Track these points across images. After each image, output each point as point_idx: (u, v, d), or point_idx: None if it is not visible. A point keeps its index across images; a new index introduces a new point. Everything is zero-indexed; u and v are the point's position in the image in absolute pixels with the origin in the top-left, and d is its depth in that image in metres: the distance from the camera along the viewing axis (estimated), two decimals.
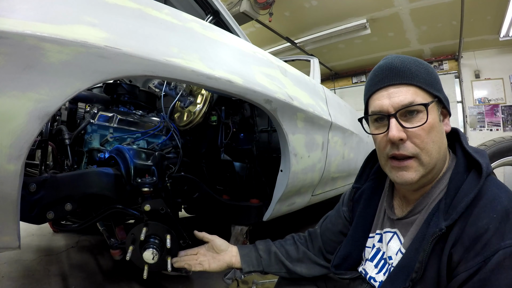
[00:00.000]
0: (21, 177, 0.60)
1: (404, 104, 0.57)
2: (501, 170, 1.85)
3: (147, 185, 1.06)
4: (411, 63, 0.60)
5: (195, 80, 0.84)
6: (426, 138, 0.57)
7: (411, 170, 0.58)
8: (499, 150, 1.55)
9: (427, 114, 0.57)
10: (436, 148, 0.58)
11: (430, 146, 0.57)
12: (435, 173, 0.60)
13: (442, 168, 0.61)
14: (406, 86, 0.58)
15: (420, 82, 0.58)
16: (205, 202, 1.40)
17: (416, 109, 0.57)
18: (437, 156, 0.58)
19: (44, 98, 0.58)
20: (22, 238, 0.68)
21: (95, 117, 1.25)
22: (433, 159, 0.58)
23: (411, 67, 0.59)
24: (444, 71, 5.11)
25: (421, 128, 0.57)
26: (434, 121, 0.58)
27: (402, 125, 0.57)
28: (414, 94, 0.58)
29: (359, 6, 3.89)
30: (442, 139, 0.60)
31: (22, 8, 0.57)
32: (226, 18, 1.40)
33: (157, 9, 0.84)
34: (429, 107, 0.57)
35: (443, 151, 0.60)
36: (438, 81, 0.61)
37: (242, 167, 1.60)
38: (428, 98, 0.58)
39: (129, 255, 0.89)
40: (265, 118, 1.50)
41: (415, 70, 0.59)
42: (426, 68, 0.61)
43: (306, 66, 2.37)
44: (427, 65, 0.62)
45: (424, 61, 0.62)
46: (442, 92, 0.61)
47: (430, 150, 0.57)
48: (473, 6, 3.54)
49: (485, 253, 0.47)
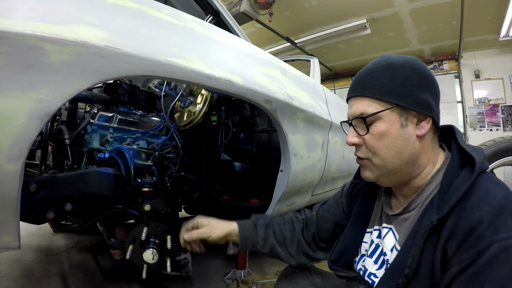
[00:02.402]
0: (21, 177, 0.60)
1: (356, 114, 0.64)
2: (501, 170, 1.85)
3: (147, 185, 1.06)
4: (375, 72, 0.63)
5: (195, 80, 0.84)
6: (376, 144, 0.62)
7: (367, 169, 0.66)
8: (499, 150, 1.55)
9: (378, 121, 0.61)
10: (391, 153, 0.61)
11: (383, 151, 0.61)
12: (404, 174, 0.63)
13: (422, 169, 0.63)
14: (361, 98, 0.64)
15: (374, 93, 0.62)
16: (205, 202, 1.40)
17: (370, 119, 0.62)
18: (394, 160, 0.61)
19: (44, 98, 0.58)
20: (22, 238, 0.68)
21: (95, 117, 1.25)
22: (388, 163, 0.62)
23: (370, 79, 0.63)
24: (444, 71, 5.10)
25: (370, 134, 0.62)
26: (387, 129, 0.61)
27: (358, 131, 0.64)
28: (366, 105, 0.62)
29: (359, 6, 3.89)
30: (403, 145, 0.61)
31: (22, 8, 0.57)
32: (226, 18, 1.40)
33: (157, 9, 0.84)
34: (382, 115, 0.61)
35: (406, 155, 0.61)
36: (407, 86, 0.60)
37: (242, 167, 1.60)
38: (380, 108, 0.61)
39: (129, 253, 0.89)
40: (265, 118, 1.50)
41: (373, 81, 0.62)
42: (391, 75, 0.61)
43: (306, 66, 2.37)
44: (397, 69, 0.62)
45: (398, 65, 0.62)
46: (409, 97, 0.60)
47: (382, 155, 0.62)
48: (473, 6, 3.54)
49: (479, 246, 0.47)
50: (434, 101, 0.62)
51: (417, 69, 0.61)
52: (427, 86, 0.61)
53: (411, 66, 0.62)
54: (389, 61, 0.63)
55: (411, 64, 0.62)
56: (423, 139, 0.62)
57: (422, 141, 0.62)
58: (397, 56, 0.64)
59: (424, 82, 0.61)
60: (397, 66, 0.62)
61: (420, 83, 0.61)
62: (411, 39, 4.65)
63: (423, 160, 0.63)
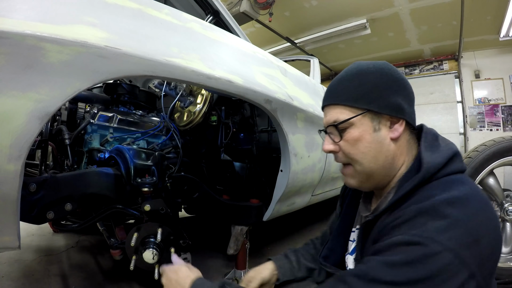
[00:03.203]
0: (21, 177, 0.60)
1: (329, 122, 0.65)
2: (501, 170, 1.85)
3: (147, 185, 1.06)
4: (345, 80, 0.65)
5: (195, 80, 0.84)
6: (352, 150, 0.63)
7: (349, 176, 0.67)
8: (499, 150, 1.55)
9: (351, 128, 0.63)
10: (369, 158, 0.62)
11: (359, 156, 0.63)
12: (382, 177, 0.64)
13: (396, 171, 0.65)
14: (333, 106, 0.66)
15: (345, 100, 0.63)
16: (205, 202, 1.40)
17: (342, 127, 0.63)
18: (371, 165, 0.63)
19: (44, 98, 0.58)
20: (22, 238, 0.68)
21: (95, 117, 1.25)
22: (367, 168, 0.63)
23: (340, 86, 0.65)
24: (444, 71, 5.10)
25: (344, 141, 0.64)
26: (360, 134, 0.62)
27: (333, 139, 0.66)
28: (339, 113, 0.64)
29: (359, 6, 3.89)
30: (378, 148, 0.62)
31: (22, 8, 0.57)
32: (226, 18, 1.40)
33: (157, 9, 0.84)
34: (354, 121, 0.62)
35: (382, 158, 0.62)
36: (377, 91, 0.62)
37: (242, 167, 1.60)
38: (352, 114, 0.63)
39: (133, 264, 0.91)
40: (265, 118, 1.50)
41: (343, 88, 0.64)
42: (360, 81, 0.63)
43: (306, 66, 2.37)
44: (365, 75, 0.63)
45: (365, 72, 0.63)
46: (380, 101, 0.61)
47: (360, 160, 0.63)
48: (473, 6, 3.54)
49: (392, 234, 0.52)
50: (406, 103, 0.63)
51: (387, 73, 0.63)
52: (397, 89, 0.62)
53: (380, 70, 0.63)
54: (358, 68, 0.65)
55: (380, 69, 0.63)
56: (397, 141, 0.64)
57: (397, 143, 0.64)
58: (367, 62, 0.66)
59: (394, 85, 0.62)
60: (366, 72, 0.64)
61: (390, 87, 0.62)
62: (411, 39, 4.65)
63: (399, 162, 0.64)
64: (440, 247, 0.46)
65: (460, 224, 0.48)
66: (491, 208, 0.53)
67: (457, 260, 0.46)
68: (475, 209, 0.51)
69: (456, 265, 0.46)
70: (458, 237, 0.47)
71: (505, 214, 1.58)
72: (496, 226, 0.53)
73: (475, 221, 0.49)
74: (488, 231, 0.50)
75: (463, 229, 0.48)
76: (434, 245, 0.47)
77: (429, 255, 0.46)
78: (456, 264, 0.46)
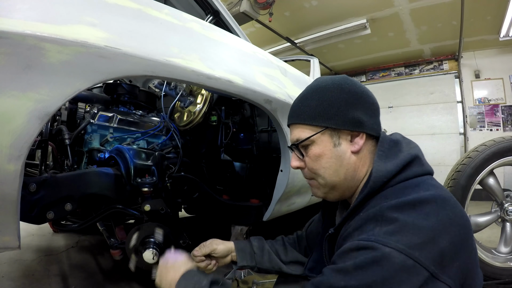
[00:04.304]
0: (21, 177, 0.60)
1: (293, 141, 0.69)
2: (501, 170, 1.85)
3: (147, 185, 1.06)
4: (305, 99, 0.67)
5: (195, 80, 0.84)
6: (314, 165, 0.66)
7: (315, 187, 0.70)
8: (499, 150, 1.55)
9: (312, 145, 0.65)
10: (329, 172, 0.65)
11: (321, 171, 0.66)
12: (345, 188, 0.67)
13: (359, 182, 0.67)
14: (296, 126, 0.68)
15: (304, 119, 0.66)
16: (205, 202, 1.40)
17: (305, 143, 0.66)
18: (333, 178, 0.65)
19: (44, 98, 0.58)
20: (22, 238, 0.68)
21: (95, 117, 1.25)
22: (329, 181, 0.66)
23: (301, 106, 0.67)
24: (444, 71, 5.10)
25: (307, 157, 0.67)
26: (321, 150, 0.65)
27: (298, 156, 0.69)
28: (301, 132, 0.67)
29: (359, 6, 3.89)
30: (339, 162, 0.65)
31: (22, 8, 0.57)
32: (226, 18, 1.40)
33: (157, 9, 0.84)
34: (314, 139, 0.65)
35: (343, 171, 0.65)
36: (335, 108, 0.63)
37: (242, 167, 1.60)
38: (311, 132, 0.65)
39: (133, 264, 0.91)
40: (265, 118, 1.50)
41: (304, 108, 0.66)
42: (318, 99, 0.65)
43: (306, 66, 2.37)
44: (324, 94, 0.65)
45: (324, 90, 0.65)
46: (339, 118, 0.63)
47: (322, 174, 0.66)
48: (473, 6, 3.54)
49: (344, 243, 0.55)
50: (367, 115, 0.65)
51: (344, 88, 0.64)
52: (355, 103, 0.64)
53: (338, 86, 0.64)
54: (317, 86, 0.67)
55: (338, 85, 0.65)
56: (359, 154, 0.65)
57: (359, 156, 0.65)
58: (327, 78, 0.68)
59: (352, 100, 0.63)
60: (324, 89, 0.65)
61: (347, 102, 0.63)
62: (411, 39, 4.65)
63: (361, 173, 0.66)
64: (389, 250, 0.46)
65: (409, 226, 0.48)
66: (452, 207, 0.52)
67: (410, 261, 0.46)
68: (427, 210, 0.50)
69: (411, 265, 0.45)
70: (407, 240, 0.47)
71: (505, 214, 1.58)
72: (458, 224, 0.51)
73: (427, 221, 0.49)
74: (446, 230, 0.49)
75: (413, 230, 0.48)
76: (383, 248, 0.47)
77: (379, 258, 0.46)
78: (410, 265, 0.45)
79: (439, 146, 4.97)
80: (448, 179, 1.62)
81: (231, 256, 0.89)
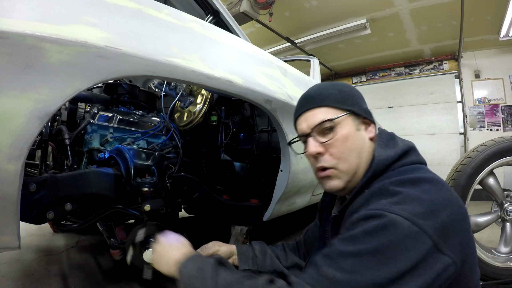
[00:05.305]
0: (21, 177, 0.60)
1: (316, 122, 0.67)
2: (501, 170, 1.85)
3: (147, 185, 1.07)
4: (324, 88, 0.71)
5: (195, 80, 0.84)
6: (341, 148, 0.66)
7: (334, 178, 0.68)
8: (499, 150, 1.55)
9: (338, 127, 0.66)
10: (354, 154, 0.66)
11: (346, 154, 0.66)
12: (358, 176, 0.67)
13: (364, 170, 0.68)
14: (318, 108, 0.68)
15: (330, 101, 0.68)
16: (205, 202, 1.40)
17: (329, 125, 0.66)
18: (356, 161, 0.66)
19: (44, 98, 0.58)
20: (22, 238, 0.68)
21: (95, 117, 1.25)
22: (352, 165, 0.66)
23: (323, 91, 0.70)
24: (444, 71, 5.10)
25: (335, 139, 0.66)
26: (348, 132, 0.66)
27: (319, 140, 0.67)
28: (325, 113, 0.67)
29: (359, 6, 3.88)
30: (361, 145, 0.67)
31: (22, 8, 0.57)
32: (226, 18, 1.40)
33: (157, 9, 0.83)
34: (341, 120, 0.66)
35: (365, 154, 0.67)
36: (352, 97, 0.69)
37: (242, 167, 1.60)
38: (339, 114, 0.67)
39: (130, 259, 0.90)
40: (265, 118, 1.50)
41: (326, 93, 0.69)
42: (339, 89, 0.70)
43: (306, 66, 2.37)
44: (342, 86, 0.71)
45: (340, 84, 0.73)
46: (357, 106, 0.69)
47: (347, 158, 0.66)
48: (473, 6, 3.54)
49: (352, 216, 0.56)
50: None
51: (353, 88, 0.73)
52: (363, 100, 0.72)
53: (347, 85, 0.73)
54: (329, 83, 0.74)
55: (346, 85, 0.73)
56: (372, 142, 0.70)
57: (371, 144, 0.69)
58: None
59: (361, 96, 0.72)
60: (339, 85, 0.72)
61: (359, 97, 0.72)
62: (411, 39, 4.65)
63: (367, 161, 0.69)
64: (395, 216, 0.49)
65: (413, 198, 0.51)
66: (449, 190, 0.56)
67: (415, 228, 0.48)
68: (427, 187, 0.54)
69: (416, 232, 0.48)
70: (411, 209, 0.50)
71: (505, 214, 1.58)
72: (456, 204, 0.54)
73: (428, 196, 0.52)
74: (445, 206, 0.52)
75: (416, 202, 0.51)
76: (390, 215, 0.49)
77: (386, 224, 0.49)
78: (415, 231, 0.48)
79: (439, 146, 4.97)
80: (448, 179, 1.62)
81: (233, 259, 0.89)
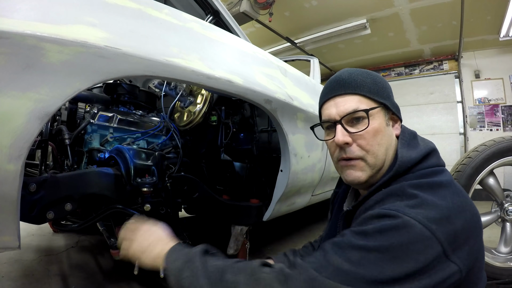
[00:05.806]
0: (21, 177, 0.60)
1: (348, 111, 0.63)
2: (501, 170, 1.85)
3: (147, 185, 1.06)
4: (358, 74, 0.66)
5: (195, 80, 0.84)
6: (371, 141, 0.63)
7: (357, 169, 0.64)
8: (499, 150, 1.55)
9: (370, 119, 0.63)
10: (383, 150, 0.64)
11: (376, 148, 0.63)
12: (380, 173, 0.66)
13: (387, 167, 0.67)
14: (350, 95, 0.64)
15: (364, 91, 0.64)
16: (205, 202, 1.40)
17: (361, 115, 0.63)
18: (383, 157, 0.64)
19: (44, 98, 0.58)
20: (22, 238, 0.68)
21: (95, 117, 1.25)
22: (379, 160, 0.64)
23: (357, 78, 0.65)
24: (444, 71, 5.09)
25: (365, 131, 0.62)
26: (379, 125, 0.63)
27: (348, 130, 0.64)
28: (358, 102, 0.64)
29: (359, 6, 3.88)
30: (389, 142, 0.65)
31: (22, 8, 0.57)
32: (226, 18, 1.40)
33: (157, 9, 0.83)
34: (373, 113, 0.63)
35: (391, 152, 0.65)
36: (385, 90, 0.66)
37: (242, 167, 1.60)
38: (372, 105, 0.64)
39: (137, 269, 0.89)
40: (265, 118, 1.50)
41: (360, 81, 0.65)
42: (373, 79, 0.66)
43: (306, 66, 2.37)
44: (375, 76, 0.67)
45: (373, 73, 0.68)
46: (389, 100, 0.66)
47: (376, 152, 0.63)
48: (473, 6, 3.54)
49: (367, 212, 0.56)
50: None
51: (385, 80, 0.69)
52: (393, 95, 0.69)
53: (380, 76, 0.69)
54: (362, 70, 0.69)
55: (379, 75, 0.69)
56: (396, 140, 0.67)
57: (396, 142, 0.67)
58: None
59: (391, 91, 0.69)
60: (372, 74, 0.68)
61: (391, 91, 0.69)
62: (411, 39, 4.65)
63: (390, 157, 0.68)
64: (409, 219, 0.48)
65: (428, 202, 0.51)
66: (465, 196, 0.55)
67: (427, 232, 0.47)
68: (444, 193, 0.53)
69: (428, 236, 0.47)
70: (426, 213, 0.49)
71: (505, 214, 1.58)
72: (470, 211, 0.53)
73: (444, 202, 0.51)
74: (460, 213, 0.51)
75: (431, 206, 0.50)
76: (404, 217, 0.49)
77: (399, 225, 0.49)
78: (427, 236, 0.47)
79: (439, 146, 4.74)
80: None
81: None
